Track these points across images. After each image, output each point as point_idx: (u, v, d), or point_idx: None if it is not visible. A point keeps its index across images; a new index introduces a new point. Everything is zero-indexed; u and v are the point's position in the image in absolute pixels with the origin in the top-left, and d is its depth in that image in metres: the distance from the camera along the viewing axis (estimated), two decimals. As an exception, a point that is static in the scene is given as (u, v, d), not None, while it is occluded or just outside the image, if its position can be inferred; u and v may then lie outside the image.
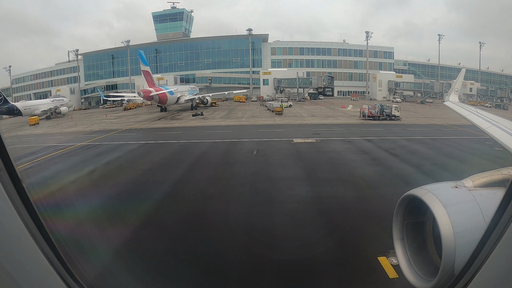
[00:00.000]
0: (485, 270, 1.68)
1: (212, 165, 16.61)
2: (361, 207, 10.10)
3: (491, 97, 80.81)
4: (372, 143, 22.21)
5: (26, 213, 1.65)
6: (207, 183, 13.23)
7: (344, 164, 16.36)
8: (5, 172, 1.58)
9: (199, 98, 53.81)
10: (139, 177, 14.65)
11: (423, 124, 35.43)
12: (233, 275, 6.77)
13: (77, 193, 12.54)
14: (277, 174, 14.41)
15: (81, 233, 7.88)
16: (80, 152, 22.27)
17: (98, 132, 32.61)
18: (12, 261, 1.55)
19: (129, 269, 6.69)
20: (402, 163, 16.25)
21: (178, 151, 20.69)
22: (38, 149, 23.96)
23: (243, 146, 21.68)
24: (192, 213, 10.07)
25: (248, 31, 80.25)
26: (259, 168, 15.88)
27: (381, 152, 18.84)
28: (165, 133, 29.18)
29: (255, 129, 30.16)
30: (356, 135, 25.59)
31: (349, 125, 32.76)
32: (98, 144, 24.98)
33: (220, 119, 39.40)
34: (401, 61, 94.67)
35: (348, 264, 6.96)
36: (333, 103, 63.53)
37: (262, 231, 8.66)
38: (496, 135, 5.76)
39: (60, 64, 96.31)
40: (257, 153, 19.17)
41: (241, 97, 68.70)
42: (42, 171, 16.76)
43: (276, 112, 41.80)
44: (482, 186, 2.76)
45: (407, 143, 22.38)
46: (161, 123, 38.69)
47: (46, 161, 19.45)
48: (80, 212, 10.16)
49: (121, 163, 18.41)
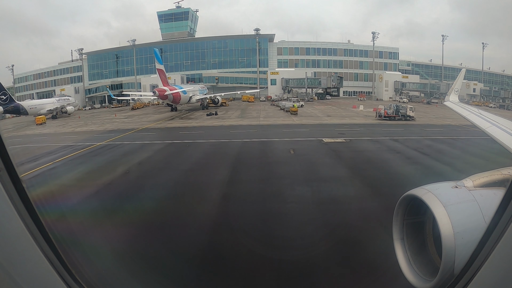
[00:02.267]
0: (485, 270, 1.68)
1: (255, 165, 16.28)
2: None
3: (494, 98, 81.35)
4: (399, 143, 22.24)
5: (26, 213, 1.66)
6: (260, 183, 12.91)
7: (383, 162, 16.49)
8: (5, 172, 1.59)
9: (210, 98, 53.39)
10: (184, 178, 14.25)
11: (438, 124, 35.46)
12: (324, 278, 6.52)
13: (118, 194, 12.17)
14: (327, 173, 14.26)
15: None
16: (103, 152, 21.59)
17: (114, 131, 32.05)
18: (12, 261, 1.55)
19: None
20: (436, 161, 16.50)
21: (212, 151, 20.29)
22: (55, 149, 23.43)
23: (275, 145, 21.38)
24: (263, 214, 9.71)
25: (256, 31, 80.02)
26: (305, 167, 15.69)
27: (412, 152, 18.99)
28: (187, 133, 28.72)
29: (278, 128, 29.84)
30: (380, 135, 25.57)
31: (368, 125, 32.72)
32: (119, 143, 24.39)
33: (237, 119, 38.99)
34: (405, 61, 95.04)
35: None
36: (342, 103, 63.45)
37: (350, 233, 8.37)
38: (496, 135, 5.74)
39: (63, 63, 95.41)
40: (294, 152, 18.93)
41: (250, 97, 68.42)
42: (67, 172, 16.17)
43: (292, 112, 41.56)
44: (482, 186, 2.74)
45: (431, 143, 22.46)
46: (176, 122, 38.21)
47: (69, 161, 18.81)
48: (131, 213, 9.85)
49: (155, 163, 17.86)
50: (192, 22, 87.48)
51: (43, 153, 22.07)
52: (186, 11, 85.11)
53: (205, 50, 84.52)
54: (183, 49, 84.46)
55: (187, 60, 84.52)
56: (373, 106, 54.51)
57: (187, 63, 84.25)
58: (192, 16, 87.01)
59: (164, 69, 45.44)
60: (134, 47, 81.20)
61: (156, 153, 20.39)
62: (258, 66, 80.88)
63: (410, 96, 76.32)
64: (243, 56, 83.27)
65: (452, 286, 2.06)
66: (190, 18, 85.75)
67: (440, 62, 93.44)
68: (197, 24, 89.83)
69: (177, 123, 37.26)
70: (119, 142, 24.80)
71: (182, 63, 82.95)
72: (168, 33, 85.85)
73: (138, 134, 29.49)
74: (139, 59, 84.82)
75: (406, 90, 78.42)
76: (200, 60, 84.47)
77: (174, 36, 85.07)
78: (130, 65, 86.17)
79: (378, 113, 38.69)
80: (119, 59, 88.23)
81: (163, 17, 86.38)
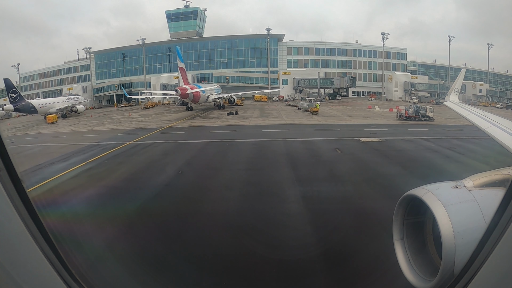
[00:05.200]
0: (485, 270, 1.69)
1: (311, 164, 16.16)
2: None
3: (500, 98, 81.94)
4: (431, 142, 22.46)
5: (26, 213, 1.67)
6: (330, 182, 12.80)
7: (428, 160, 16.84)
8: (5, 172, 1.60)
9: (226, 97, 53.25)
10: (248, 178, 13.95)
11: (456, 124, 35.55)
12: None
13: (184, 196, 11.90)
14: (385, 171, 14.29)
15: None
16: (139, 152, 20.95)
17: (137, 130, 31.61)
18: (12, 261, 1.56)
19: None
20: (473, 160, 16.73)
21: (257, 150, 19.91)
22: (82, 148, 22.81)
23: (318, 145, 21.20)
24: (356, 214, 9.62)
25: (267, 31, 79.86)
26: (362, 165, 15.73)
27: (447, 151, 19.19)
28: (218, 132, 28.44)
29: (309, 128, 29.59)
30: (410, 135, 25.72)
31: (393, 126, 32.79)
32: (152, 142, 23.86)
33: (260, 118, 38.65)
34: (411, 62, 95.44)
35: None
36: (354, 103, 63.42)
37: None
38: (496, 135, 5.75)
39: (69, 62, 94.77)
40: (341, 151, 18.87)
41: (263, 97, 68.26)
42: (111, 173, 15.53)
43: (312, 112, 41.47)
44: (482, 186, 2.75)
45: (460, 142, 22.50)
46: (198, 121, 37.80)
47: (105, 161, 18.10)
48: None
49: (206, 162, 17.32)
50: (201, 21, 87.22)
51: (69, 152, 21.55)
52: (195, 11, 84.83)
53: (214, 50, 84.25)
54: (192, 48, 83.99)
55: (196, 59, 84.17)
56: (386, 106, 54.74)
57: (196, 63, 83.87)
58: (201, 16, 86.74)
59: (185, 68, 45.14)
60: (144, 46, 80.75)
61: (200, 153, 20.01)
62: (269, 66, 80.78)
63: (420, 97, 76.73)
64: (253, 56, 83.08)
65: (452, 286, 2.05)
66: (198, 17, 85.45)
67: (443, 62, 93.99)
68: (205, 23, 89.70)
69: (200, 122, 36.92)
70: (150, 141, 24.26)
71: (192, 63, 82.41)
72: (177, 33, 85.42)
73: (165, 133, 29.03)
74: (147, 58, 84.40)
75: (416, 91, 78.86)
76: (210, 60, 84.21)
77: (182, 35, 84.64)
78: (138, 64, 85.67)
79: (399, 114, 39.05)
80: (126, 58, 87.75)
81: (171, 16, 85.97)
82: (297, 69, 78.95)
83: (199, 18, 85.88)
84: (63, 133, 34.17)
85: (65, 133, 34.60)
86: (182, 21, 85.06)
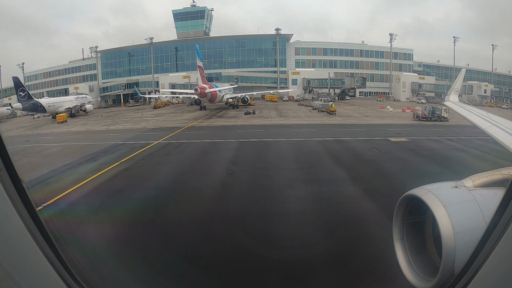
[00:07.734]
0: (485, 270, 1.68)
1: (358, 162, 16.35)
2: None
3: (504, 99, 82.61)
4: (455, 142, 23.09)
5: (26, 213, 1.66)
6: (386, 178, 13.08)
7: (462, 159, 17.41)
8: (5, 172, 1.59)
9: (240, 97, 53.27)
10: (305, 176, 13.92)
11: (471, 125, 35.99)
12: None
13: (259, 195, 11.95)
14: (429, 169, 14.52)
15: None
16: (172, 152, 20.54)
17: (158, 130, 31.42)
18: (12, 261, 1.56)
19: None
20: (503, 160, 17.01)
21: (297, 150, 19.88)
22: (108, 148, 22.39)
23: (352, 144, 21.40)
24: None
25: (276, 31, 79.75)
26: (407, 164, 16.07)
27: (474, 151, 19.52)
28: (244, 131, 28.32)
29: (335, 128, 29.65)
30: (434, 135, 26.16)
31: (413, 126, 33.20)
32: (182, 142, 23.66)
33: (280, 118, 38.62)
34: (416, 62, 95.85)
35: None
36: (364, 103, 63.71)
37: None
38: (496, 135, 5.78)
39: (74, 61, 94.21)
40: (378, 151, 19.04)
41: (273, 97, 68.30)
42: (155, 174, 15.25)
43: (329, 112, 41.64)
44: (482, 186, 2.75)
45: (482, 142, 22.69)
46: (218, 121, 37.67)
47: (141, 161, 17.82)
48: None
49: (253, 163, 17.07)
50: (208, 21, 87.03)
51: (93, 152, 20.93)
52: (202, 10, 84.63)
53: (222, 49, 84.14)
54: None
55: (204, 59, 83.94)
56: (396, 107, 55.03)
57: (204, 62, 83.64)
58: (208, 15, 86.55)
59: (203, 67, 44.97)
60: (152, 45, 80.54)
61: (239, 152, 19.74)
62: (278, 66, 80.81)
63: (427, 97, 77.20)
64: (260, 56, 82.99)
65: (452, 286, 2.04)
66: (205, 17, 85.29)
67: (447, 62, 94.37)
68: (212, 23, 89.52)
69: (220, 122, 36.81)
70: (179, 141, 24.04)
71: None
72: (184, 32, 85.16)
73: (189, 132, 28.79)
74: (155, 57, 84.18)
75: (423, 91, 79.36)
76: (218, 59, 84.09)
77: (189, 35, 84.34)
78: (145, 63, 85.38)
79: (415, 114, 39.54)
80: (133, 57, 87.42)
81: (178, 15, 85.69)
82: (307, 69, 78.98)
83: (206, 18, 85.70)
84: (78, 132, 33.82)
85: (80, 132, 34.26)
86: (189, 20, 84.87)
